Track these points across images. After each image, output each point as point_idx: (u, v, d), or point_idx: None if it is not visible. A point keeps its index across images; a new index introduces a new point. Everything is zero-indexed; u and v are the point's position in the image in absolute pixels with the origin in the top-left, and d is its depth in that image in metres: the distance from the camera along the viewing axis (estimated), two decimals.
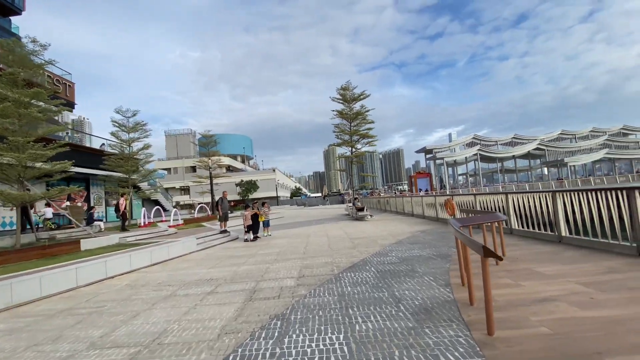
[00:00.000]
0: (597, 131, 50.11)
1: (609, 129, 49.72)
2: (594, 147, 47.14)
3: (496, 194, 9.39)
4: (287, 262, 6.75)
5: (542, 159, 48.59)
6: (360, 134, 19.72)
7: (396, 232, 10.55)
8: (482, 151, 42.60)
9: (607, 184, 36.28)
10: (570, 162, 41.23)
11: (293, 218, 23.32)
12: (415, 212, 16.46)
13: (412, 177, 51.13)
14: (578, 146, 45.76)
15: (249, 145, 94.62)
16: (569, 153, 44.19)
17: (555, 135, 48.05)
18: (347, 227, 13.35)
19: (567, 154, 44.06)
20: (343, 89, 19.84)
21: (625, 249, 5.19)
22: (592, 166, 49.17)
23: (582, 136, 49.45)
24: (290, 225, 16.65)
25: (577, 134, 49.34)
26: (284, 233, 13.03)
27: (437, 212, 13.49)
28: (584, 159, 42.06)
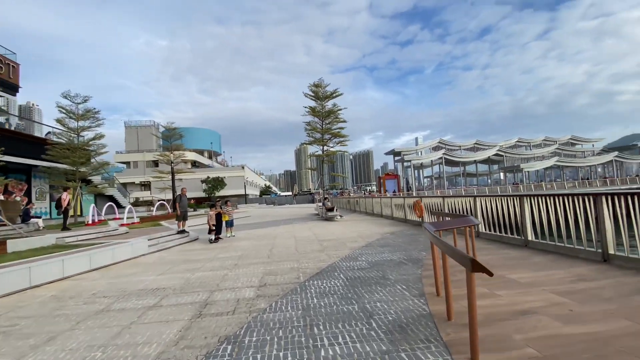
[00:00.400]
0: (549, 140, 54.28)
1: (559, 139, 54.13)
2: (545, 155, 50.96)
3: (465, 197, 9.41)
4: (248, 268, 6.13)
5: (501, 165, 51.67)
6: (332, 132, 19.35)
7: (366, 233, 10.28)
8: (447, 155, 44.34)
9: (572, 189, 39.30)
10: (525, 168, 44.20)
11: (261, 217, 22.49)
12: (385, 213, 16.42)
13: (380, 179, 52.03)
14: (532, 153, 49.24)
15: (217, 141, 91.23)
16: (524, 159, 47.40)
17: (512, 142, 51.33)
18: (316, 228, 12.91)
19: (523, 160, 47.25)
20: (315, 85, 19.36)
21: (591, 255, 5.21)
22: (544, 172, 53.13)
23: (535, 144, 53.30)
24: (257, 226, 15.89)
25: (531, 142, 53.10)
26: (249, 234, 12.29)
27: (406, 213, 13.47)
28: (537, 165, 45.30)
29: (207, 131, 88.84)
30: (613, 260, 4.84)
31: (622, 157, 47.31)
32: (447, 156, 44.18)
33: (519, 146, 52.42)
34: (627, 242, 4.67)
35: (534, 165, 45.35)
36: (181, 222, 11.63)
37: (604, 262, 4.93)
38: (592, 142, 56.11)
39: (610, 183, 41.62)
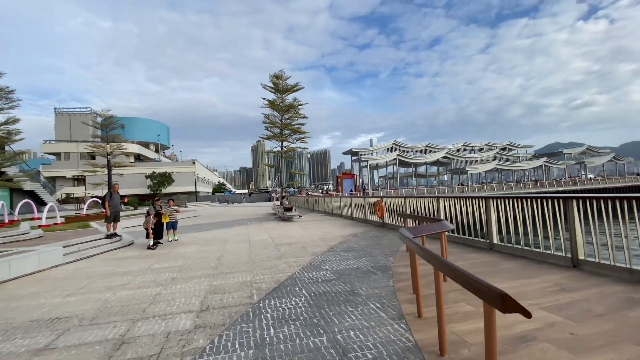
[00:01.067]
0: (490, 145, 59.29)
1: (498, 144, 59.45)
2: (487, 159, 55.52)
3: (427, 197, 9.21)
4: (189, 283, 5.04)
5: (448, 167, 55.14)
6: (291, 128, 18.44)
7: (327, 236, 9.61)
8: (401, 156, 46.01)
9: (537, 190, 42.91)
10: (470, 171, 47.61)
11: (212, 217, 20.77)
12: (344, 213, 15.99)
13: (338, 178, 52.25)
14: (476, 157, 53.34)
15: (165, 133, 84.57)
16: (469, 162, 51.09)
17: (459, 146, 55.11)
18: (273, 230, 11.94)
19: (467, 163, 50.89)
20: (276, 77, 18.25)
21: (560, 260, 5.08)
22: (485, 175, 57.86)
23: (479, 148, 57.88)
24: (206, 227, 14.41)
25: (475, 147, 57.55)
26: (195, 237, 10.92)
27: (366, 214, 13.13)
28: (480, 168, 49.10)
29: (154, 122, 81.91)
30: (583, 266, 4.72)
31: (550, 163, 53.50)
32: (401, 157, 45.79)
33: (464, 150, 56.46)
34: (597, 247, 4.56)
35: (477, 168, 49.04)
36: (111, 223, 9.90)
37: (574, 268, 4.79)
38: (525, 148, 62.70)
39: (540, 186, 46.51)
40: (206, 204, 50.62)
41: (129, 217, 19.88)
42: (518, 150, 62.04)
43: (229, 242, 9.39)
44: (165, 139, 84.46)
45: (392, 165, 51.88)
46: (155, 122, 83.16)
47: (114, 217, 9.90)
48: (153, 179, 55.34)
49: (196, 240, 9.97)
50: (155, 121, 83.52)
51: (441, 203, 8.35)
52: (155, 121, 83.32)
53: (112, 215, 9.81)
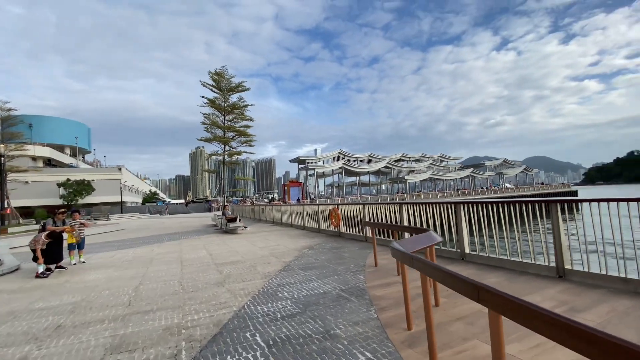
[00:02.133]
0: (424, 157, 64.03)
1: (432, 156, 64.56)
2: (422, 169, 59.61)
3: (390, 204, 8.58)
4: (81, 335, 3.37)
5: (388, 176, 57.80)
6: (236, 130, 16.77)
7: (279, 250, 8.33)
8: (346, 165, 46.65)
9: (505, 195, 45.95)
10: (408, 180, 50.41)
11: (138, 231, 17.77)
12: (295, 222, 14.80)
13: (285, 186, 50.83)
14: (412, 167, 56.95)
15: (84, 135, 73.74)
16: (407, 172, 54.24)
17: (398, 156, 58.34)
18: (213, 245, 10.20)
19: (405, 172, 53.98)
20: (217, 74, 16.49)
21: (542, 270, 4.66)
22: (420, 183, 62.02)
23: (415, 159, 62.05)
24: (128, 244, 11.93)
25: (412, 158, 61.60)
26: (110, 258, 8.68)
27: (320, 223, 12.16)
28: (417, 177, 52.38)
29: (72, 123, 70.93)
30: (571, 277, 4.31)
31: (475, 173, 59.69)
32: (346, 166, 46.42)
33: (403, 160, 59.91)
34: (587, 255, 4.19)
35: (414, 177, 52.19)
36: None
37: (560, 279, 4.37)
38: (454, 160, 69.18)
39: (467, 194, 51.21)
40: (133, 215, 44.70)
41: (25, 233, 15.88)
42: (448, 161, 68.01)
43: (154, 263, 7.50)
44: (85, 141, 73.67)
45: (337, 174, 52.36)
46: (73, 122, 72.10)
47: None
48: (67, 187, 47.21)
49: (110, 262, 7.81)
50: (73, 121, 72.41)
51: (404, 210, 7.76)
52: (72, 121, 72.21)
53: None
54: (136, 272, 6.49)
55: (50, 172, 50.25)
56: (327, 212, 11.79)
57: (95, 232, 17.65)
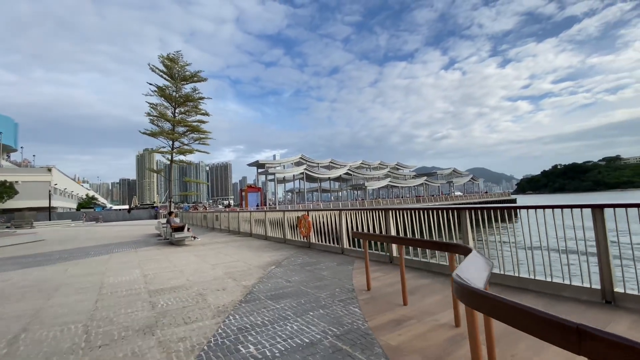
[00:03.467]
0: (382, 165, 65.61)
1: (389, 164, 66.38)
2: (380, 176, 60.81)
3: (369, 210, 7.41)
4: None
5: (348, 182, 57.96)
6: (188, 124, 14.60)
7: (238, 268, 6.66)
8: (308, 171, 45.56)
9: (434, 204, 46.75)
10: (369, 186, 50.88)
11: (60, 243, 14.56)
12: (256, 231, 13.06)
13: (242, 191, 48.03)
14: (372, 174, 57.82)
15: (10, 131, 63.18)
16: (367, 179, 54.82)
17: (358, 163, 58.89)
18: (151, 261, 8.13)
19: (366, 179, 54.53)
20: (169, 59, 14.28)
21: (585, 293, 3.73)
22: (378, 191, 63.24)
23: (374, 167, 63.26)
24: (38, 260, 9.25)
25: (371, 165, 62.69)
26: (3, 282, 6.27)
27: (285, 232, 10.63)
28: (376, 184, 53.15)
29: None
30: (622, 302, 3.40)
31: (429, 181, 62.50)
32: (308, 172, 45.30)
33: (363, 167, 60.64)
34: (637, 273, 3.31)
35: (374, 184, 52.86)
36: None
37: (608, 305, 3.44)
38: (409, 168, 71.93)
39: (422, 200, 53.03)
40: (64, 223, 38.61)
41: None
42: (404, 169, 70.50)
43: (61, 290, 5.38)
44: (10, 138, 63.16)
45: (298, 180, 50.99)
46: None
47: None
48: None
49: None
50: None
51: (390, 216, 6.63)
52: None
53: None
54: (27, 308, 4.42)
55: None
56: (294, 219, 10.33)
57: (6, 244, 14.09)
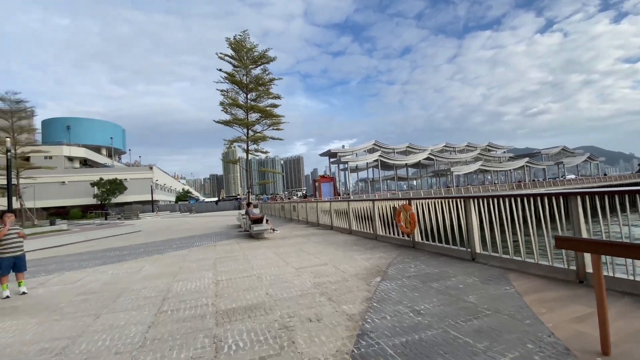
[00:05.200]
0: (470, 146, 57.59)
1: (478, 145, 58.01)
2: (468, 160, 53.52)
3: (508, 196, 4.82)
4: None
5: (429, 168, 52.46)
6: (260, 109, 13.52)
7: (330, 277, 4.88)
8: (383, 157, 42.32)
9: None
10: (455, 172, 44.99)
11: (152, 234, 15.28)
12: (338, 224, 11.35)
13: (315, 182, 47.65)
14: (458, 158, 51.08)
15: (119, 136, 75.62)
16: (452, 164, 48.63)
17: (440, 147, 52.65)
18: (228, 260, 7.00)
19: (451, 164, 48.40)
20: (236, 42, 13.41)
21: None
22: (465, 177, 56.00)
23: (459, 149, 55.91)
24: (123, 255, 9.11)
25: (456, 147, 55.53)
26: (72, 284, 5.74)
27: (376, 227, 8.56)
28: (464, 169, 46.72)
29: (107, 124, 72.92)
30: None
31: (531, 163, 52.49)
32: (383, 158, 42.10)
33: (446, 151, 54.16)
34: None
35: (461, 169, 46.60)
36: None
37: None
38: (503, 149, 61.92)
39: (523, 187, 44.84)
40: (163, 214, 43.81)
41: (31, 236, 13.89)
42: (497, 151, 61.07)
43: (122, 298, 4.35)
44: (120, 142, 75.57)
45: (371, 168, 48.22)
46: (109, 123, 74.15)
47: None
48: (100, 186, 47.51)
49: (60, 294, 4.80)
50: (109, 122, 74.49)
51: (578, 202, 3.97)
52: (108, 122, 74.29)
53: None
54: (62, 332, 3.35)
55: (84, 172, 51.07)
56: (388, 210, 8.20)
57: (107, 235, 15.41)
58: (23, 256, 5.10)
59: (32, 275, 6.46)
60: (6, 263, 4.86)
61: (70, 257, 8.95)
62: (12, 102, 17.73)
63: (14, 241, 4.96)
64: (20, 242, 5.08)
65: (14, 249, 4.97)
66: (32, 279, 6.10)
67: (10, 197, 14.62)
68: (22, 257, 5.06)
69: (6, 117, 16.75)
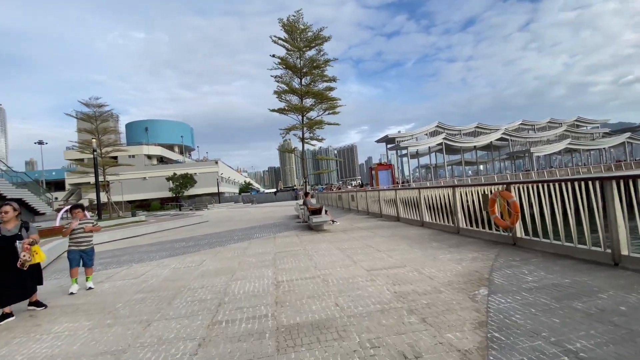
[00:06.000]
0: (554, 122, 49.55)
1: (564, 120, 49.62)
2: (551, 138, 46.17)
3: None
4: None
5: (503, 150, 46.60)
6: (314, 93, 12.67)
7: (414, 284, 3.82)
8: (448, 140, 38.52)
9: None
10: (535, 153, 39.02)
11: (216, 224, 15.76)
12: (406, 215, 10.08)
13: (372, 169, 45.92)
14: (539, 137, 44.26)
15: (188, 134, 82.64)
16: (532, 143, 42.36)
17: (516, 125, 46.20)
18: (288, 256, 6.36)
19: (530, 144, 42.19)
20: (290, 25, 12.67)
21: None
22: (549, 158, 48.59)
23: (540, 127, 48.47)
24: (188, 247, 9.18)
25: (536, 125, 48.25)
26: (135, 279, 5.64)
27: (458, 219, 7.14)
28: (548, 149, 40.21)
29: (177, 123, 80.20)
30: None
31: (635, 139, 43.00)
32: (448, 141, 38.31)
33: (523, 129, 47.46)
34: None
35: (543, 149, 40.24)
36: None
37: None
38: (597, 124, 52.00)
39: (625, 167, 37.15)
40: (228, 205, 46.62)
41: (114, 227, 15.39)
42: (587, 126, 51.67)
43: (172, 305, 3.88)
44: (189, 140, 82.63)
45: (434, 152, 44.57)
46: (179, 123, 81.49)
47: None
48: (174, 181, 52.46)
49: (121, 291, 4.58)
50: (179, 122, 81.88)
51: None
52: (178, 122, 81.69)
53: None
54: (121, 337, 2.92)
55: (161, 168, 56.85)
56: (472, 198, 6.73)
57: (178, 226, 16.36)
58: (90, 251, 5.03)
59: (104, 267, 6.63)
60: (72, 256, 4.82)
61: (141, 247, 9.32)
62: (95, 107, 20.06)
63: (79, 235, 4.90)
64: (88, 237, 5.01)
65: (80, 243, 4.89)
66: (103, 272, 6.22)
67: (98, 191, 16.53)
68: (89, 252, 5.00)
69: (91, 121, 19.03)
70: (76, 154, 59.17)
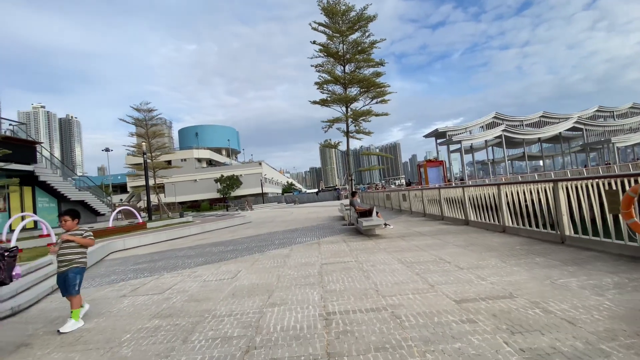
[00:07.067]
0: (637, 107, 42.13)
1: None
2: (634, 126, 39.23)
3: None
4: None
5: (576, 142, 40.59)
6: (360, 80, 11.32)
7: (542, 328, 2.34)
8: (508, 132, 34.32)
9: None
10: (617, 143, 33.18)
11: (259, 226, 15.12)
12: (475, 218, 8.28)
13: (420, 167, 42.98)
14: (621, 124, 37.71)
15: (234, 138, 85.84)
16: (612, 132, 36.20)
17: (591, 112, 39.91)
18: (337, 270, 5.14)
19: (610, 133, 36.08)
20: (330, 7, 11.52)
21: None
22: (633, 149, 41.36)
23: (620, 113, 41.43)
24: (227, 252, 8.40)
25: (615, 111, 41.33)
26: (159, 295, 4.83)
27: (563, 224, 5.31)
28: (633, 138, 33.97)
29: (224, 128, 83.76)
30: None
31: None
32: (508, 133, 34.15)
33: (599, 117, 40.92)
34: None
35: (627, 138, 34.10)
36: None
37: None
38: None
39: None
40: (271, 205, 46.97)
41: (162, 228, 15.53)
42: None
43: (188, 344, 2.86)
44: (235, 143, 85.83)
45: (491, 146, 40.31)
46: (225, 127, 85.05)
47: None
48: (222, 182, 54.40)
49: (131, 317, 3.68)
50: (225, 127, 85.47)
51: None
52: (225, 127, 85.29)
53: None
54: None
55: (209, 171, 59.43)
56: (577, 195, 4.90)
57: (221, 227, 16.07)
58: (73, 273, 3.64)
59: (135, 276, 6.02)
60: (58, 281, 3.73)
61: (180, 251, 8.78)
62: (145, 112, 20.98)
63: (61, 251, 3.70)
64: (70, 253, 3.69)
65: (60, 262, 3.70)
66: (131, 281, 5.57)
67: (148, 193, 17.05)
68: (70, 274, 3.62)
69: (142, 125, 19.89)
70: (135, 159, 64.61)
